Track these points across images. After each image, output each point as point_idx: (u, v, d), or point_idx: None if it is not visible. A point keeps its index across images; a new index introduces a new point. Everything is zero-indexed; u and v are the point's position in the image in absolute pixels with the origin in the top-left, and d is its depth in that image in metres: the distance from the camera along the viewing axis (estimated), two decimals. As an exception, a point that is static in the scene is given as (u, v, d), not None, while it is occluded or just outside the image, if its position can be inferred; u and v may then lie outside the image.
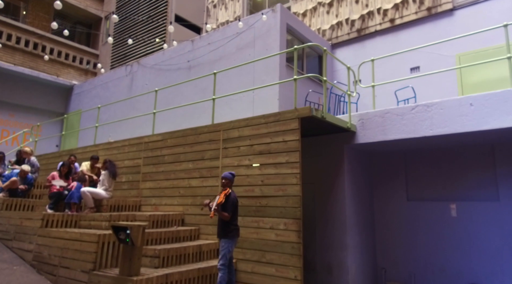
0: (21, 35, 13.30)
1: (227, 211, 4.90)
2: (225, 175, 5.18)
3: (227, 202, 4.94)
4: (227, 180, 5.15)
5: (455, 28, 8.03)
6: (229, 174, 5.19)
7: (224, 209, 4.91)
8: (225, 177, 5.17)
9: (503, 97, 5.14)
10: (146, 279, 4.54)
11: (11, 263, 5.87)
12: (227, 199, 4.95)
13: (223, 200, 4.92)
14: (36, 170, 8.58)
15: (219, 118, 7.40)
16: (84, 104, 13.25)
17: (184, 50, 10.19)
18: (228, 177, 5.16)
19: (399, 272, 7.05)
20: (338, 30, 10.19)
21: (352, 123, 6.42)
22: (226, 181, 5.14)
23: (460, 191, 6.71)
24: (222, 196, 4.95)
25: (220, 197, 4.96)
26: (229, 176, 5.18)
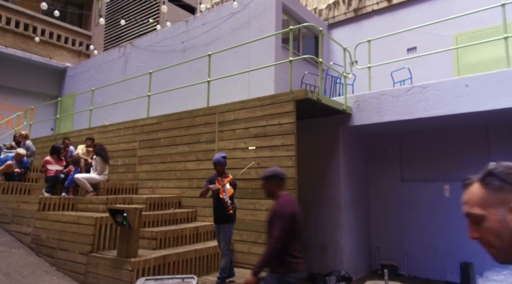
0: (11, 16, 12.98)
1: (233, 198, 4.86)
2: (218, 160, 4.84)
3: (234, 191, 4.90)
4: (222, 165, 4.88)
5: (452, 7, 7.92)
6: (221, 158, 4.89)
7: (232, 199, 4.84)
8: (219, 162, 4.84)
9: (498, 78, 5.13)
10: (144, 260, 4.62)
11: (9, 246, 5.93)
12: (234, 188, 4.90)
13: (233, 191, 4.85)
14: (31, 154, 8.56)
15: (215, 100, 7.35)
16: (78, 86, 13.10)
17: (178, 31, 10.02)
18: (222, 162, 4.87)
19: (393, 252, 7.20)
20: (335, 10, 10.02)
21: (348, 105, 6.41)
22: (221, 167, 4.88)
23: (454, 171, 6.78)
24: (231, 188, 4.84)
25: (229, 189, 4.81)
26: (222, 160, 4.89)
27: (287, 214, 3.00)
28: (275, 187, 3.26)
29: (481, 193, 1.01)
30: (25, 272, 5.01)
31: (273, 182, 3.27)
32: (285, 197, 3.19)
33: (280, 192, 3.23)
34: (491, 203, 0.99)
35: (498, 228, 0.98)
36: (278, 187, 3.26)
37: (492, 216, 0.99)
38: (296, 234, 3.07)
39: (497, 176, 0.99)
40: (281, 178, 3.28)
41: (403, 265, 7.04)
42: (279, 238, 2.93)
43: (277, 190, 3.25)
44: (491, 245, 1.03)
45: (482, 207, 1.01)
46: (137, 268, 4.50)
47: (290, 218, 3.00)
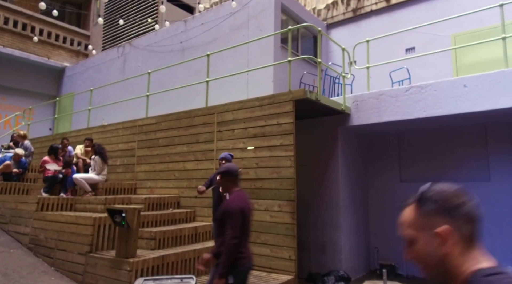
0: (9, 16, 12.95)
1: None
2: (225, 156, 5.04)
3: None
4: (227, 161, 5.00)
5: (451, 8, 7.93)
6: (228, 155, 5.09)
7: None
8: (226, 157, 5.02)
9: (497, 79, 5.14)
10: (143, 261, 4.61)
11: (7, 246, 5.91)
12: None
13: None
14: (30, 154, 8.54)
15: (213, 100, 7.35)
16: (77, 86, 13.07)
17: (176, 31, 10.01)
18: (228, 158, 5.03)
19: (392, 251, 7.20)
20: (334, 10, 10.03)
21: (347, 105, 6.41)
22: (226, 163, 4.95)
23: (452, 171, 6.80)
24: None
25: None
26: (229, 157, 5.07)
27: (236, 212, 3.07)
28: (228, 183, 3.32)
29: (414, 215, 1.03)
30: (24, 272, 5.00)
31: (226, 178, 3.32)
32: (235, 193, 3.26)
33: (233, 188, 3.30)
34: (422, 226, 1.01)
35: (426, 251, 1.00)
36: (231, 183, 3.32)
37: (422, 238, 1.00)
38: (245, 229, 3.14)
39: (428, 200, 1.01)
40: (234, 175, 3.33)
41: (402, 265, 7.05)
42: (234, 236, 3.02)
43: (230, 186, 3.32)
44: (423, 266, 1.04)
45: (414, 229, 1.02)
46: (136, 268, 4.50)
47: (240, 215, 3.07)
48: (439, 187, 1.03)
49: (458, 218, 0.97)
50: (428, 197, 1.01)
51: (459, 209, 0.98)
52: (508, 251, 6.10)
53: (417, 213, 1.03)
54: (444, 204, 0.98)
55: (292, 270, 5.22)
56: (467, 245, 0.97)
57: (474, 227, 0.99)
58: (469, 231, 0.98)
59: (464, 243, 0.97)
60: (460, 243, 0.96)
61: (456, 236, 0.96)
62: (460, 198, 1.00)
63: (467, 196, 1.01)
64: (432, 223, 0.98)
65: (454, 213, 0.97)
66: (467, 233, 0.97)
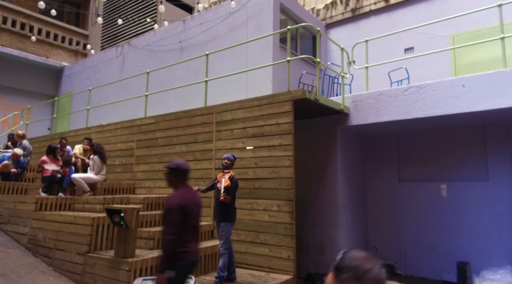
0: (7, 15, 12.91)
1: (230, 194, 4.83)
2: (228, 156, 5.08)
3: (231, 185, 4.87)
4: (230, 161, 5.04)
5: (449, 8, 7.94)
6: (231, 156, 5.11)
7: (228, 192, 4.83)
8: (228, 157, 5.05)
9: (495, 79, 5.15)
10: (141, 260, 4.61)
11: (6, 246, 5.90)
12: (231, 182, 4.89)
13: (229, 183, 4.83)
14: (28, 153, 8.53)
15: (212, 100, 7.34)
16: (75, 86, 13.05)
17: (175, 30, 10.00)
18: (230, 159, 5.06)
19: (390, 251, 7.22)
20: (333, 10, 10.03)
21: (346, 105, 6.42)
22: (228, 162, 5.02)
23: (451, 171, 6.81)
24: (228, 179, 4.86)
25: (226, 180, 4.85)
26: (232, 157, 5.09)
27: (175, 208, 3.10)
28: (175, 179, 3.34)
29: (333, 282, 1.17)
30: (22, 272, 4.99)
31: (174, 174, 3.34)
32: (179, 190, 3.29)
33: (179, 185, 3.33)
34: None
35: None
36: (178, 179, 3.34)
37: None
38: (188, 224, 3.17)
39: (343, 269, 1.15)
40: (182, 172, 3.36)
41: (400, 265, 7.06)
42: (171, 232, 3.07)
43: (177, 183, 3.34)
44: None
45: None
46: (135, 268, 4.50)
47: (179, 211, 3.09)
48: (352, 255, 1.19)
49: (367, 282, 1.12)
50: (343, 266, 1.16)
51: (367, 275, 1.13)
52: (506, 250, 6.12)
53: (335, 280, 1.17)
54: (356, 271, 1.13)
55: (291, 270, 5.23)
56: None
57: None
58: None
59: None
60: None
61: None
62: (369, 264, 1.15)
63: (374, 261, 1.17)
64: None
65: (363, 280, 1.12)
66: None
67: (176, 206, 3.10)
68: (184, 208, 3.13)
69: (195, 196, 3.42)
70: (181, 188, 3.30)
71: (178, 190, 3.29)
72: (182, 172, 3.34)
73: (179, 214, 3.09)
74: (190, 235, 3.20)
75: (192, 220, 3.21)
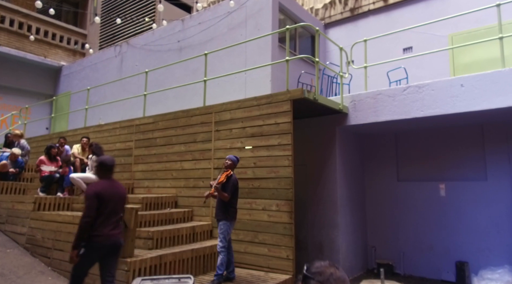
0: (5, 14, 12.87)
1: (227, 192, 4.84)
2: (230, 157, 5.11)
3: (227, 182, 4.88)
4: (231, 161, 5.05)
5: (448, 8, 7.95)
6: (234, 157, 5.12)
7: (224, 190, 4.85)
8: (229, 158, 5.09)
9: (493, 78, 5.16)
10: (140, 260, 4.60)
11: (4, 246, 5.89)
12: (228, 180, 4.90)
13: (224, 179, 4.86)
14: (26, 153, 8.49)
15: (211, 100, 7.34)
16: (73, 86, 13.01)
17: (174, 30, 9.99)
18: (232, 159, 5.07)
19: (389, 251, 7.23)
20: (331, 9, 10.03)
21: (344, 105, 6.42)
22: (229, 162, 5.04)
23: (449, 171, 6.83)
24: (224, 176, 4.90)
25: (222, 176, 4.90)
26: (234, 158, 5.10)
27: (90, 195, 3.59)
28: (100, 172, 3.86)
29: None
30: (20, 272, 4.98)
31: (99, 168, 3.86)
32: (101, 181, 3.81)
33: (103, 177, 3.82)
34: None
35: None
36: (102, 172, 3.84)
37: None
38: (104, 211, 3.61)
39: (309, 277, 1.30)
40: (106, 166, 3.83)
41: (399, 264, 7.07)
42: (85, 215, 3.54)
43: (101, 175, 3.85)
44: None
45: None
46: (133, 268, 4.49)
47: (94, 198, 3.57)
48: (316, 264, 1.34)
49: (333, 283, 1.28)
50: (309, 274, 1.31)
51: (331, 278, 1.28)
52: (505, 249, 6.13)
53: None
54: (321, 276, 1.29)
55: (290, 270, 5.23)
56: None
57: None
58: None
59: None
60: None
61: None
62: (331, 269, 1.31)
63: (336, 266, 1.33)
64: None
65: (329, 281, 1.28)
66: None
67: (92, 193, 3.59)
68: (100, 196, 3.59)
69: (117, 187, 3.85)
70: (103, 179, 3.80)
71: (100, 181, 3.82)
72: (106, 167, 3.82)
73: (95, 200, 3.55)
74: (105, 221, 3.61)
75: (108, 207, 3.63)
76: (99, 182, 3.80)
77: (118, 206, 3.78)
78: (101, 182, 3.80)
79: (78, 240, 3.50)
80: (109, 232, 3.62)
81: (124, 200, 3.93)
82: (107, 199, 3.65)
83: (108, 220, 3.64)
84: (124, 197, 3.91)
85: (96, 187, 3.70)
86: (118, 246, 3.75)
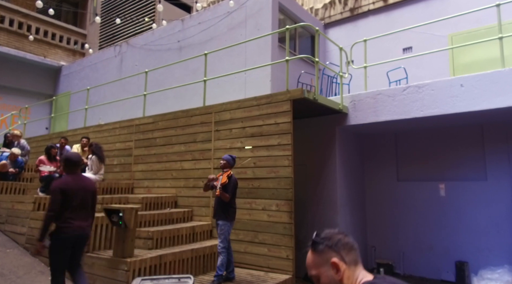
0: (5, 14, 12.86)
1: (228, 192, 4.84)
2: (225, 157, 5.11)
3: (229, 183, 4.89)
4: (225, 161, 5.05)
5: (448, 7, 7.95)
6: (229, 156, 5.11)
7: (225, 190, 4.85)
8: (224, 158, 5.08)
9: (493, 78, 5.16)
10: (140, 260, 4.60)
11: (4, 246, 5.88)
12: (229, 180, 4.90)
13: (226, 180, 4.86)
14: (26, 153, 8.49)
15: (211, 100, 7.34)
16: (73, 85, 13.01)
17: (174, 30, 9.99)
18: (227, 159, 5.07)
19: (389, 250, 7.23)
20: (331, 9, 10.04)
21: (344, 105, 6.42)
22: (224, 163, 5.04)
23: (449, 171, 6.83)
24: (225, 177, 4.89)
25: (223, 177, 4.90)
26: (229, 158, 5.09)
27: (54, 190, 3.78)
28: (65, 168, 4.08)
29: (312, 257, 1.33)
30: (20, 272, 4.97)
31: (64, 164, 4.09)
32: (66, 176, 4.01)
33: (68, 172, 4.02)
34: (319, 264, 1.30)
35: (327, 282, 1.28)
36: (67, 168, 4.05)
37: (322, 273, 1.29)
38: (70, 204, 3.79)
39: (318, 242, 1.31)
40: (70, 162, 4.03)
41: (399, 264, 7.07)
42: (49, 209, 3.74)
43: (66, 170, 4.05)
44: None
45: (315, 268, 1.31)
46: (133, 268, 4.49)
47: (58, 193, 3.75)
48: (324, 231, 1.34)
49: (341, 249, 1.29)
50: (318, 240, 1.32)
51: (340, 243, 1.29)
52: (504, 249, 6.14)
53: (313, 254, 1.33)
54: (329, 241, 1.30)
55: (289, 270, 5.23)
56: (353, 268, 1.29)
57: (355, 253, 1.31)
58: (351, 257, 1.30)
59: (351, 267, 1.28)
60: (348, 267, 1.28)
61: (344, 263, 1.27)
62: (340, 235, 1.32)
63: (344, 233, 1.33)
64: (326, 257, 1.29)
65: (337, 247, 1.29)
66: (351, 259, 1.29)
67: (56, 189, 3.77)
68: (64, 190, 3.77)
69: (83, 182, 4.02)
70: (68, 175, 3.98)
71: (65, 176, 4.01)
72: (70, 162, 4.01)
73: (59, 195, 3.73)
74: (72, 214, 3.80)
75: (74, 201, 3.81)
76: (64, 177, 4.00)
77: (86, 199, 3.95)
78: (66, 177, 3.98)
79: (42, 232, 3.68)
80: (76, 224, 3.81)
81: (92, 193, 4.05)
82: (72, 193, 3.82)
83: (75, 212, 3.82)
84: (91, 190, 4.04)
85: (61, 182, 3.89)
86: (85, 237, 3.97)
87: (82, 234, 3.89)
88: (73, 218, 3.79)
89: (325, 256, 1.28)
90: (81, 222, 3.86)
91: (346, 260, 1.28)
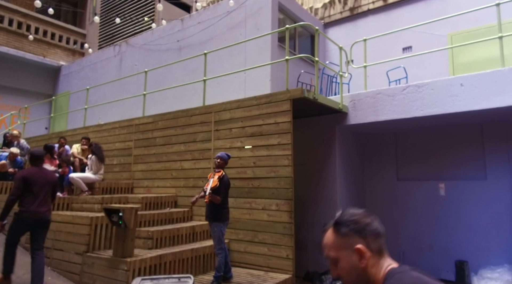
0: (4, 14, 12.84)
1: (220, 194, 4.79)
2: (221, 155, 5.04)
3: (220, 185, 4.81)
4: (223, 160, 5.01)
5: (447, 7, 7.95)
6: (225, 155, 5.07)
7: (217, 192, 4.78)
8: (221, 156, 5.02)
9: (493, 78, 5.16)
10: (140, 260, 4.60)
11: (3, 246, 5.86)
12: (221, 182, 4.84)
13: (217, 183, 4.79)
14: (25, 153, 8.47)
15: (211, 99, 7.33)
16: (73, 85, 13.00)
17: (173, 29, 9.98)
18: (223, 157, 5.02)
19: (388, 250, 7.18)
20: (331, 9, 10.03)
21: (344, 104, 6.42)
22: (221, 162, 4.99)
23: (449, 170, 6.83)
24: (216, 180, 4.82)
25: (214, 180, 4.83)
26: (225, 156, 5.05)
27: (18, 178, 4.38)
28: (31, 161, 4.67)
29: (333, 238, 1.21)
30: (20, 272, 4.96)
31: (29, 157, 4.75)
32: (30, 168, 4.68)
33: (33, 165, 4.61)
34: (341, 247, 1.19)
35: (348, 267, 1.18)
36: (32, 161, 4.64)
37: (343, 257, 1.19)
38: (30, 191, 4.35)
39: (343, 224, 1.19)
40: (34, 156, 4.62)
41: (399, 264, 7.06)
42: (11, 194, 4.33)
43: (31, 163, 4.65)
44: (346, 281, 1.20)
45: (335, 250, 1.21)
46: (133, 268, 4.49)
47: (20, 181, 4.34)
48: (350, 212, 1.22)
49: (368, 236, 1.18)
50: (342, 221, 1.20)
51: (367, 229, 1.18)
52: (504, 249, 6.14)
53: (335, 236, 1.21)
54: (356, 225, 1.18)
55: (289, 269, 5.23)
56: (378, 256, 1.19)
57: (381, 241, 1.21)
58: (378, 245, 1.19)
59: (376, 255, 1.18)
60: (373, 255, 1.18)
61: (369, 250, 1.17)
62: (368, 219, 1.20)
63: (373, 216, 1.22)
64: (350, 242, 1.18)
65: (364, 233, 1.18)
66: (377, 247, 1.19)
67: (19, 177, 4.39)
68: (26, 179, 4.35)
69: (45, 174, 4.61)
70: (33, 167, 4.59)
71: (30, 167, 4.68)
72: (34, 157, 4.61)
73: (21, 182, 4.32)
74: (31, 200, 4.35)
75: (35, 188, 4.37)
76: (29, 168, 4.74)
77: (46, 188, 4.49)
78: (30, 168, 4.65)
79: (3, 214, 4.30)
80: (35, 208, 4.37)
81: (52, 184, 4.61)
82: (33, 181, 4.39)
83: (35, 199, 4.37)
84: (51, 181, 4.62)
85: (24, 172, 4.60)
86: (45, 221, 4.49)
87: (42, 218, 4.44)
88: (32, 203, 4.35)
89: (349, 241, 1.18)
90: (40, 207, 4.40)
91: (372, 247, 1.18)
